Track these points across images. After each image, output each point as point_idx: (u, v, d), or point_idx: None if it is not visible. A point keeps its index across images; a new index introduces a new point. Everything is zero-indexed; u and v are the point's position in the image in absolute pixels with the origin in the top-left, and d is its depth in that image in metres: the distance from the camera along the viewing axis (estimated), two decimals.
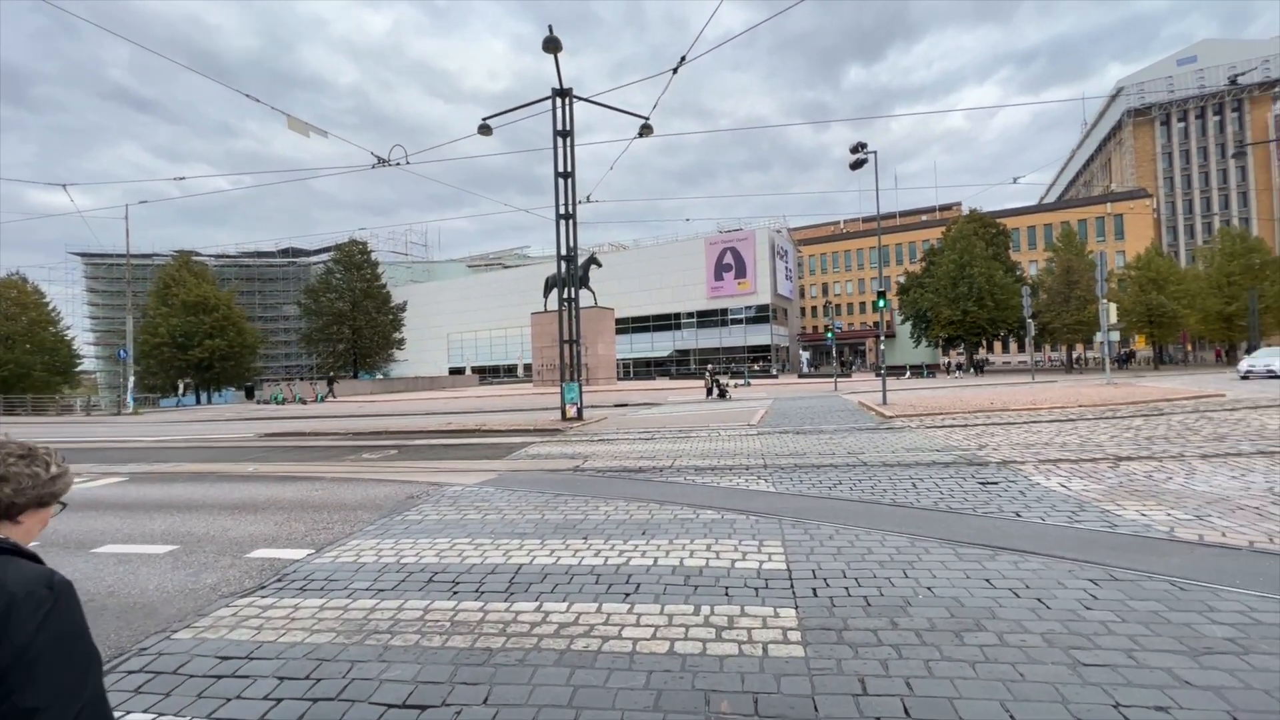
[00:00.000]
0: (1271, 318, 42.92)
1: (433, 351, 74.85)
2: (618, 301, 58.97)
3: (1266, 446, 7.47)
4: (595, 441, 11.06)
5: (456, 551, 4.68)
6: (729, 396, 22.75)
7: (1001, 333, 45.51)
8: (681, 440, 10.64)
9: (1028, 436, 9.22)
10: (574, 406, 14.82)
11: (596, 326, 39.26)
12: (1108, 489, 5.69)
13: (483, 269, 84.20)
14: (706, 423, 13.53)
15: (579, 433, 12.62)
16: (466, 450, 10.86)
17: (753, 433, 11.35)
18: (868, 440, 9.65)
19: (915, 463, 7.47)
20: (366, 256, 52.70)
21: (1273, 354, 22.48)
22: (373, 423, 17.45)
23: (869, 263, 74.33)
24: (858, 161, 15.64)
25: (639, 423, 14.43)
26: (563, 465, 8.53)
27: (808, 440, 9.98)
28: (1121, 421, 10.51)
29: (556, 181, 14.79)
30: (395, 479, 8.04)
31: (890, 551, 4.20)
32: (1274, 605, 3.08)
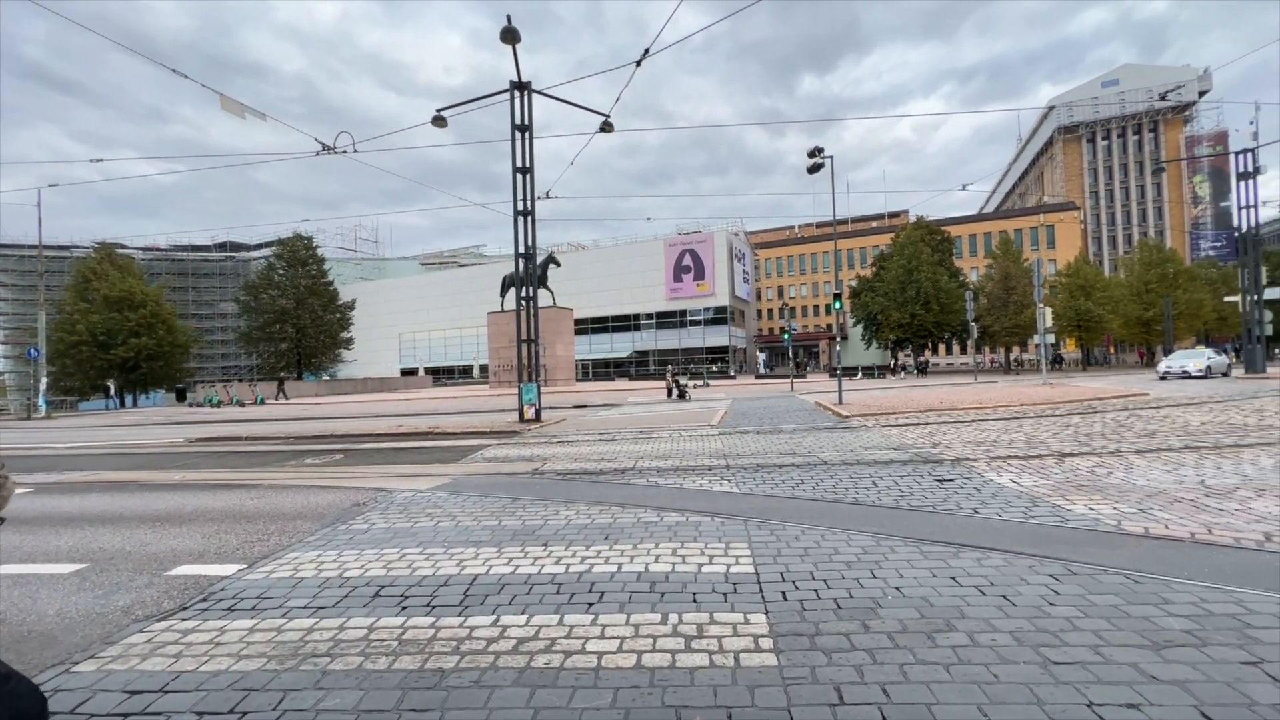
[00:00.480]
0: (1183, 323, 46.51)
1: (384, 352, 72.32)
2: (577, 302, 58.53)
3: (1192, 442, 7.94)
4: (554, 443, 10.79)
5: (406, 563, 4.37)
6: (689, 397, 22.82)
7: (946, 335, 47.52)
8: (643, 441, 10.50)
9: (977, 435, 9.53)
10: (532, 408, 14.47)
11: (555, 327, 38.78)
12: (1056, 484, 5.87)
13: (437, 267, 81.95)
14: (667, 423, 13.45)
15: (537, 434, 12.30)
16: (419, 454, 10.39)
17: (714, 433, 11.32)
18: (827, 439, 9.76)
19: (874, 461, 7.56)
20: (312, 252, 50.36)
21: (1187, 356, 24.30)
22: (317, 425, 16.56)
23: (822, 266, 76.42)
24: (815, 165, 15.92)
25: (599, 424, 14.22)
26: (521, 468, 8.24)
27: (768, 440, 10.02)
28: (1061, 419, 11.03)
29: (515, 177, 14.42)
30: (340, 485, 7.57)
31: (856, 551, 4.16)
32: (1222, 596, 3.17)
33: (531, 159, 14.37)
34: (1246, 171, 22.47)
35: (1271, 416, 10.23)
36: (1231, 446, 7.49)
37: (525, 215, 14.56)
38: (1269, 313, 21.83)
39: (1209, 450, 7.31)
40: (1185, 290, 45.91)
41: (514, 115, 14.18)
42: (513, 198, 14.40)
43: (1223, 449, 7.35)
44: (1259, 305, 21.78)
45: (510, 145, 14.39)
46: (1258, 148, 21.90)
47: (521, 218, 14.52)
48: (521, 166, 14.37)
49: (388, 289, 73.94)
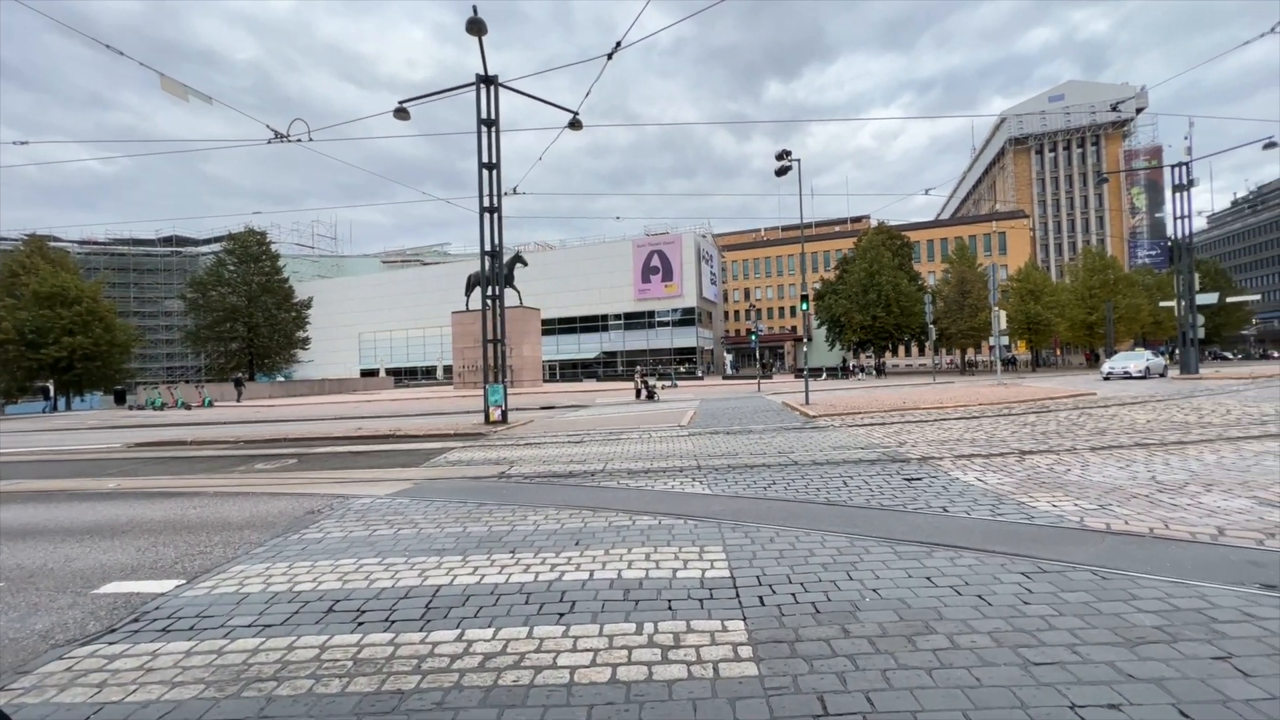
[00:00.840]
0: (1123, 326, 49.14)
1: (343, 352, 70.00)
2: (544, 302, 57.96)
3: (1141, 439, 8.28)
4: (522, 445, 10.53)
5: (363, 574, 4.11)
6: (657, 398, 22.73)
7: (906, 337, 48.92)
8: (612, 443, 10.35)
9: (941, 434, 9.73)
10: (498, 409, 14.13)
11: (522, 327, 38.22)
12: (1019, 482, 6.00)
13: (399, 265, 79.83)
14: (637, 424, 13.33)
15: (504, 436, 12.00)
16: (378, 458, 9.98)
17: (684, 434, 11.25)
18: (796, 439, 9.80)
19: (843, 460, 7.61)
20: (265, 247, 48.28)
21: (1129, 358, 25.65)
22: (269, 429, 15.79)
23: (787, 269, 77.76)
24: (782, 168, 16.08)
25: (567, 425, 13.99)
26: (487, 472, 7.98)
27: (739, 440, 10.00)
28: (1018, 418, 11.39)
29: (480, 173, 14.07)
30: (293, 491, 7.17)
31: (832, 553, 4.12)
32: (1186, 591, 3.24)
33: (498, 154, 14.05)
34: (1181, 184, 23.84)
35: (1209, 415, 10.80)
36: (1176, 443, 7.83)
37: (491, 212, 14.22)
38: (1201, 317, 23.24)
39: (1157, 447, 7.62)
40: (1125, 295, 48.53)
41: (480, 109, 13.84)
42: (478, 194, 14.04)
43: (1169, 445, 7.68)
44: (1193, 310, 23.13)
45: (476, 140, 14.03)
46: (1191, 161, 23.31)
47: (487, 214, 14.17)
48: (488, 162, 14.03)
49: (347, 287, 71.58)
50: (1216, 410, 11.45)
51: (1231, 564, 3.62)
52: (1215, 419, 10.13)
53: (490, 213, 14.25)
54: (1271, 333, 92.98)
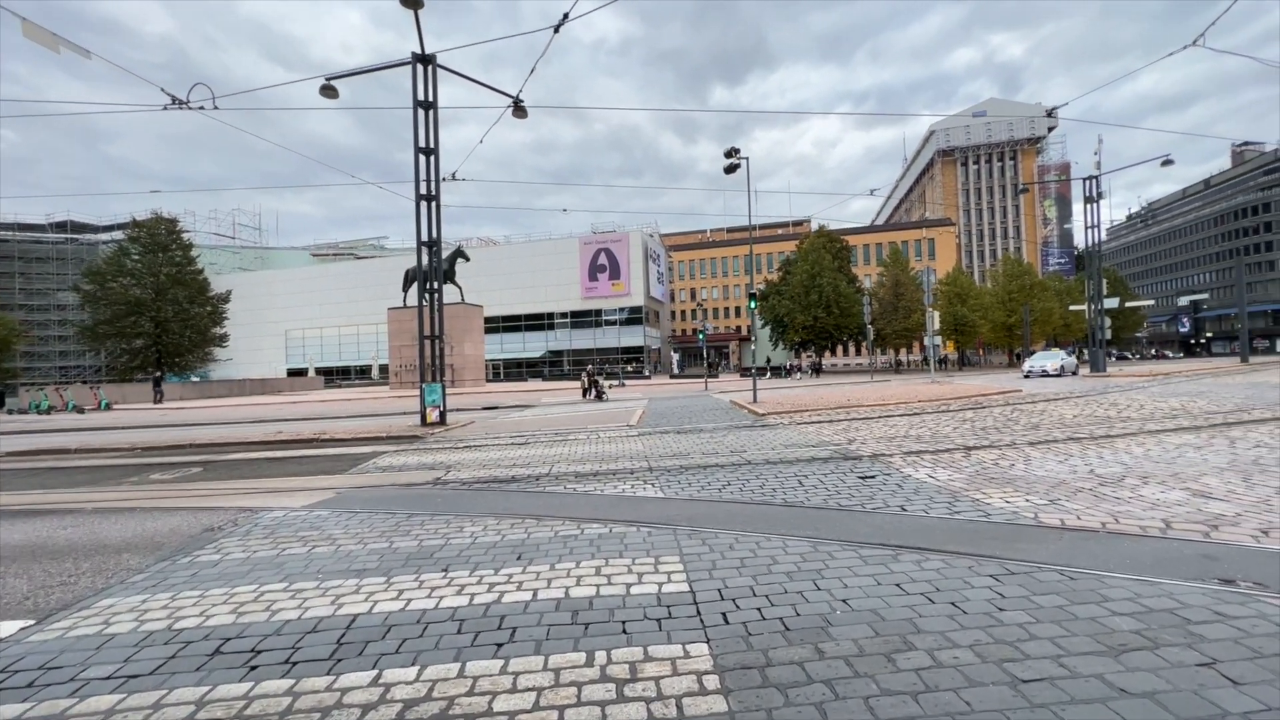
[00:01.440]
0: (1037, 328, 52.88)
1: (267, 350, 65.45)
2: (488, 299, 56.29)
3: (1072, 434, 8.61)
4: (460, 448, 9.87)
5: (264, 603, 3.51)
6: (606, 397, 22.28)
7: (845, 337, 50.66)
8: (558, 444, 9.86)
9: (887, 430, 9.83)
10: (436, 410, 13.32)
11: (463, 324, 36.82)
12: (969, 478, 6.00)
13: (331, 259, 75.43)
14: (584, 424, 12.87)
15: (441, 439, 11.26)
16: (298, 464, 9.07)
17: (633, 433, 10.91)
18: (747, 438, 9.65)
19: (796, 459, 7.47)
20: (176, 236, 44.29)
21: (1046, 357, 27.49)
22: (174, 434, 14.26)
23: (732, 270, 79.11)
24: (731, 166, 16.03)
25: (510, 426, 13.35)
26: (420, 478, 7.33)
27: (689, 440, 9.75)
28: (956, 415, 11.74)
29: (417, 158, 13.20)
30: (192, 505, 6.30)
31: (795, 559, 3.86)
32: (1153, 590, 3.16)
33: (436, 139, 13.23)
34: (1091, 196, 25.73)
35: (1126, 409, 11.49)
36: (1105, 437, 8.17)
37: (429, 200, 13.38)
38: (1108, 320, 25.17)
39: (1088, 441, 7.92)
40: (1039, 300, 52.26)
41: (416, 90, 12.97)
42: (414, 181, 13.17)
43: (1099, 439, 8.00)
44: (1101, 314, 25.01)
45: (413, 123, 13.15)
46: (1100, 175, 25.19)
47: (424, 203, 13.32)
48: (425, 147, 13.18)
49: (272, 281, 66.86)
50: (1131, 405, 12.22)
51: (1186, 559, 3.61)
52: (1132, 413, 10.76)
53: (428, 201, 13.40)
54: (1160, 335, 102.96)
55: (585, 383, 23.54)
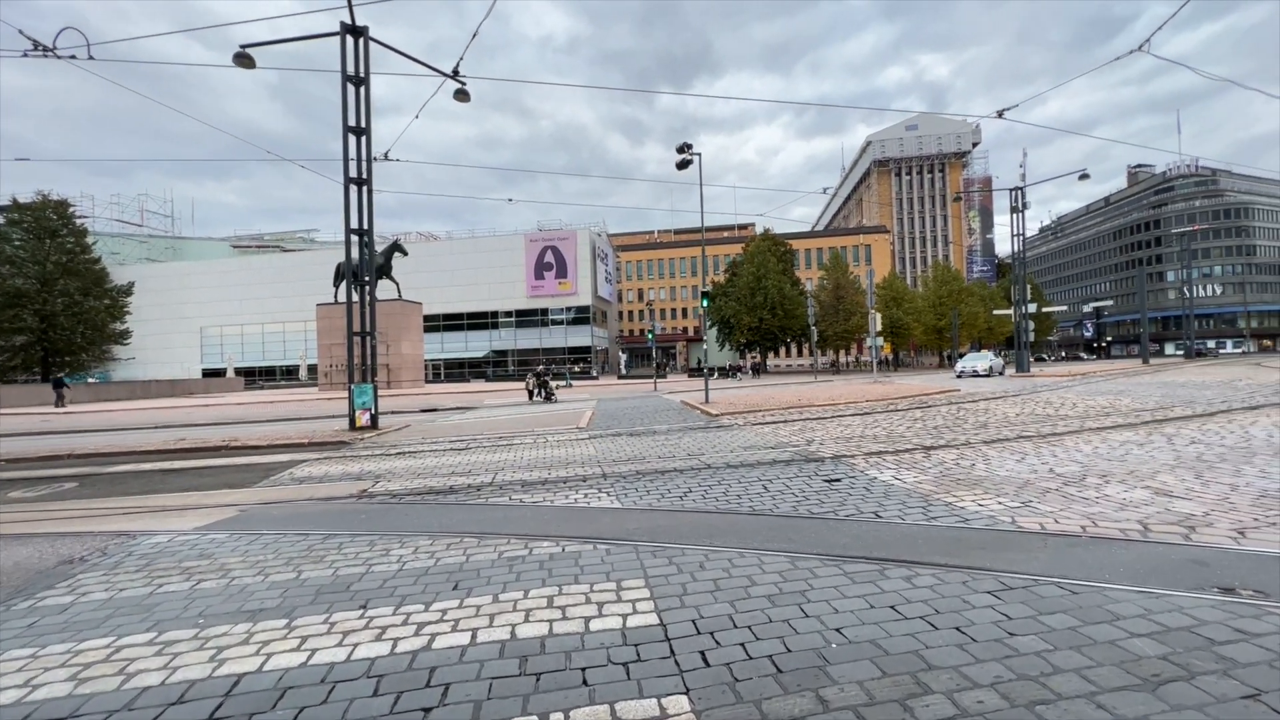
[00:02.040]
0: (964, 331, 55.93)
1: (179, 349, 60.12)
2: (428, 297, 53.99)
3: (1020, 432, 8.73)
4: (393, 455, 8.97)
5: (117, 664, 2.73)
6: (555, 399, 21.41)
7: (788, 339, 51.83)
8: (503, 449, 9.13)
9: (843, 430, 9.70)
10: (366, 413, 12.23)
11: (401, 322, 34.96)
12: (935, 480, 5.81)
13: (254, 251, 70.17)
14: (530, 427, 12.15)
15: (372, 445, 10.27)
16: (198, 476, 7.94)
17: (583, 436, 10.31)
18: (704, 440, 9.27)
19: (757, 462, 7.12)
20: (68, 220, 39.77)
21: (976, 358, 28.90)
22: (52, 442, 12.45)
23: (679, 272, 79.57)
24: (683, 162, 15.71)
25: (450, 430, 12.45)
26: (343, 490, 6.48)
27: (644, 443, 9.27)
28: (906, 414, 11.84)
29: (345, 138, 12.09)
30: (53, 530, 5.24)
31: (774, 579, 3.43)
32: (1162, 604, 2.92)
33: (368, 118, 12.16)
34: (1017, 206, 27.28)
35: (1061, 408, 11.93)
36: (1053, 435, 8.31)
37: (359, 185, 12.28)
38: (1032, 323, 26.76)
39: (1038, 439, 8.01)
40: (966, 304, 55.35)
41: (345, 64, 11.88)
42: (343, 163, 12.05)
43: (1048, 437, 8.11)
44: (1025, 318, 26.53)
45: (341, 101, 12.03)
46: (1025, 186, 26.78)
47: (354, 187, 12.22)
48: (355, 125, 12.09)
49: (186, 273, 61.32)
50: (1064, 403, 12.74)
51: (1177, 565, 3.43)
52: (1068, 411, 11.16)
53: (358, 186, 12.31)
54: (1067, 339, 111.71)
55: (531, 384, 22.37)
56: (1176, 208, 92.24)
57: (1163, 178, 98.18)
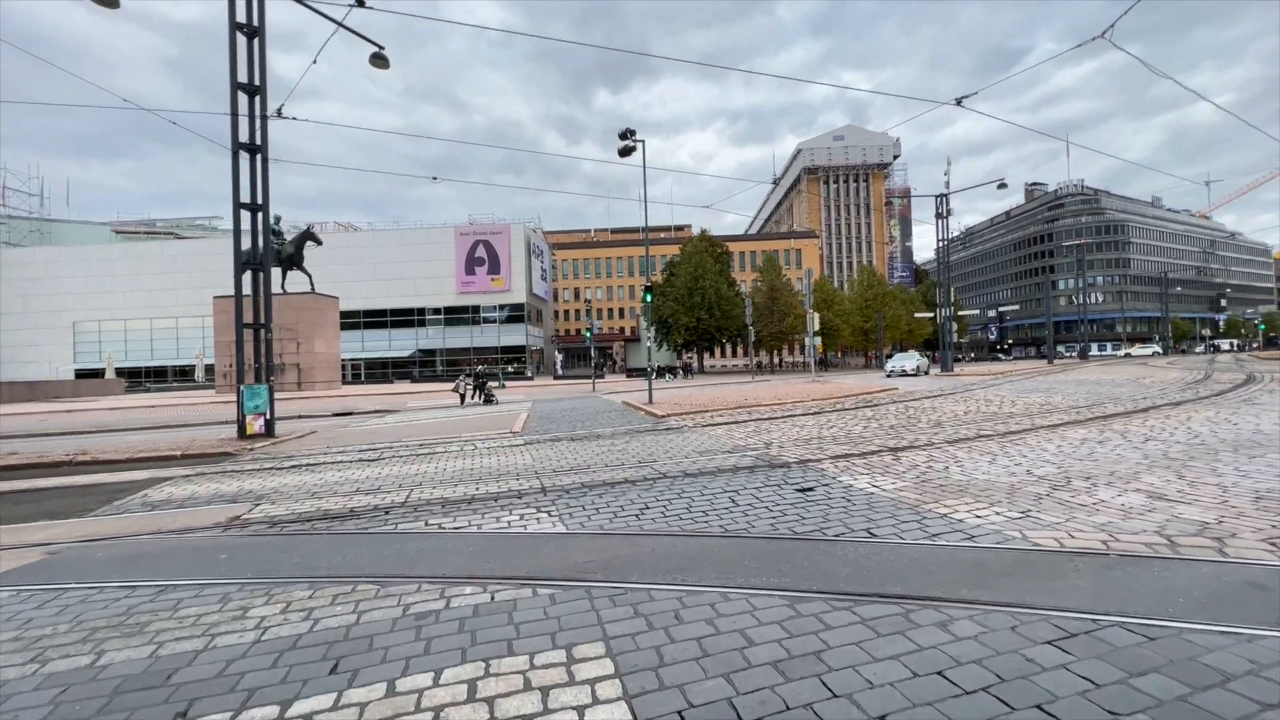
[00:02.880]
0: (889, 333, 58.63)
1: (47, 346, 52.63)
2: (348, 291, 50.20)
3: (977, 430, 8.49)
4: (285, 470, 7.52)
5: None
6: (496, 401, 19.75)
7: (725, 339, 52.21)
8: (422, 459, 7.89)
9: (799, 431, 9.15)
10: (260, 418, 10.53)
11: (314, 317, 31.97)
12: (916, 487, 5.25)
13: (143, 237, 62.63)
14: (457, 432, 10.87)
15: (262, 457, 8.70)
16: (14, 504, 6.21)
17: (518, 442, 9.20)
18: (654, 444, 8.42)
19: (717, 469, 6.34)
20: None
21: (905, 358, 29.95)
22: None
23: (617, 271, 78.74)
24: (626, 148, 14.86)
25: (364, 436, 10.95)
26: (208, 518, 5.11)
27: (587, 449, 8.30)
28: (856, 413, 11.54)
29: (234, 96, 10.34)
30: None
31: (775, 634, 2.61)
32: (1264, 653, 2.32)
33: (263, 74, 10.45)
34: (941, 213, 28.50)
35: (1004, 405, 12.04)
36: (1011, 433, 8.09)
37: (252, 152, 10.55)
38: (955, 325, 28.06)
39: (999, 438, 7.75)
40: (890, 308, 58.03)
41: (233, 9, 10.14)
42: (231, 126, 10.29)
43: (1007, 436, 7.88)
44: (951, 319, 27.71)
45: (229, 51, 10.26)
46: (949, 194, 28.00)
47: (245, 154, 10.48)
48: (246, 83, 10.35)
49: (54, 260, 53.57)
50: (1004, 401, 12.93)
51: (1234, 589, 2.91)
52: (1012, 409, 11.23)
53: (252, 154, 10.57)
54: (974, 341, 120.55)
55: (462, 387, 20.15)
56: (1066, 223, 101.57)
57: (1054, 195, 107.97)
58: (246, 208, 10.51)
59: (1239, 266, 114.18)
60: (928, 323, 63.70)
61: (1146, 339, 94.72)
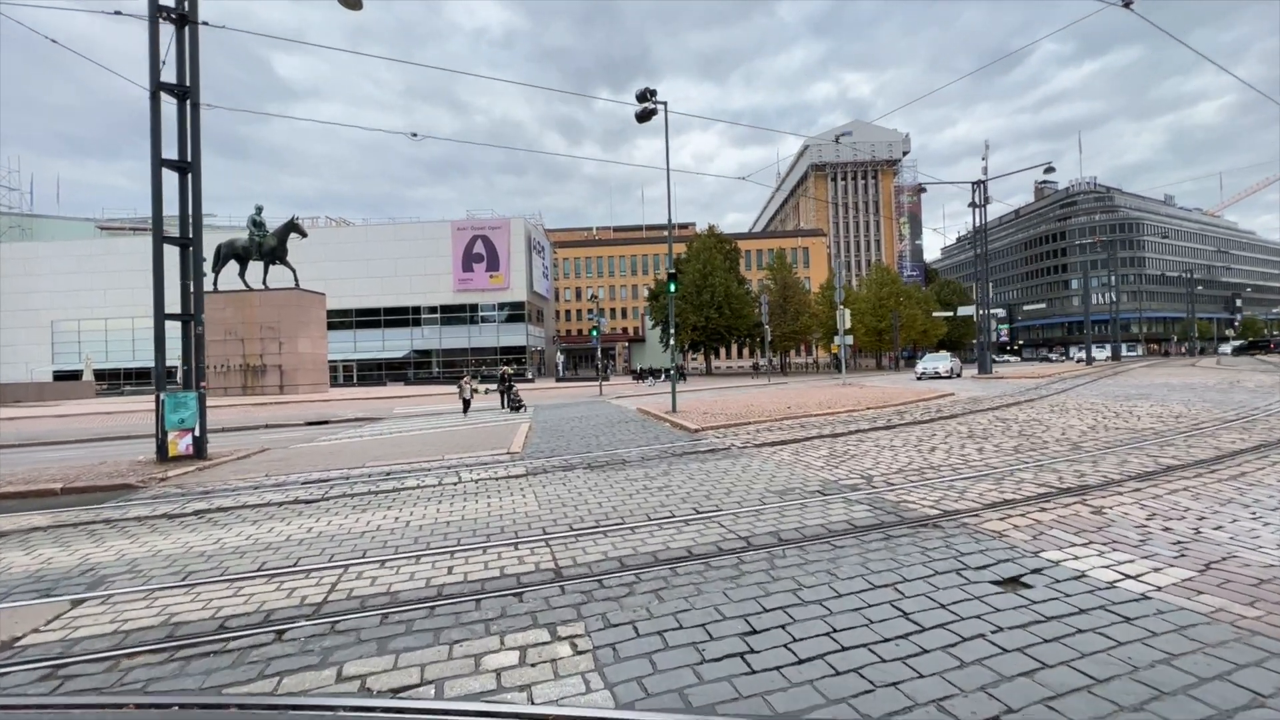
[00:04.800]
0: (902, 334, 56.38)
1: (24, 346, 50.32)
2: (339, 289, 48.01)
3: (1158, 458, 6.23)
4: (180, 521, 5.25)
5: None
6: (524, 408, 16.25)
7: (735, 338, 49.99)
8: (380, 504, 5.61)
9: (890, 455, 6.89)
10: (186, 435, 8.26)
11: (298, 315, 29.70)
12: (1202, 574, 2.99)
13: (128, 233, 60.30)
14: (441, 452, 8.60)
15: (167, 494, 6.44)
16: None
17: (517, 469, 6.94)
18: (703, 476, 6.15)
19: (824, 529, 4.09)
20: None
21: (937, 359, 27.67)
22: None
23: (619, 270, 76.50)
24: (645, 111, 12.62)
25: (321, 458, 8.69)
26: None
27: (612, 482, 6.03)
28: (935, 427, 9.27)
29: (154, 16, 8.09)
30: None
31: None
32: None
33: None
34: (976, 202, 26.27)
35: (1132, 416, 9.78)
36: (1203, 464, 5.83)
37: (179, 94, 8.31)
38: (996, 323, 25.88)
39: (1178, 471, 5.48)
40: (905, 307, 55.75)
41: None
42: (150, 58, 8.04)
43: (1208, 466, 5.61)
44: (988, 316, 25.47)
45: None
46: (986, 180, 25.82)
47: (170, 99, 8.23)
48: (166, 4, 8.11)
49: (33, 257, 51.10)
50: (1120, 411, 10.65)
51: None
52: (1152, 423, 8.97)
53: (181, 98, 8.33)
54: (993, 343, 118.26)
55: (466, 391, 16.15)
56: (1080, 221, 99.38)
57: (1066, 193, 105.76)
58: (171, 164, 8.25)
59: (1253, 266, 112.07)
60: (943, 323, 61.44)
61: (1162, 340, 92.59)
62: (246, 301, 29.18)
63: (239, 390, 28.64)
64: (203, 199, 8.95)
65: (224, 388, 28.58)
